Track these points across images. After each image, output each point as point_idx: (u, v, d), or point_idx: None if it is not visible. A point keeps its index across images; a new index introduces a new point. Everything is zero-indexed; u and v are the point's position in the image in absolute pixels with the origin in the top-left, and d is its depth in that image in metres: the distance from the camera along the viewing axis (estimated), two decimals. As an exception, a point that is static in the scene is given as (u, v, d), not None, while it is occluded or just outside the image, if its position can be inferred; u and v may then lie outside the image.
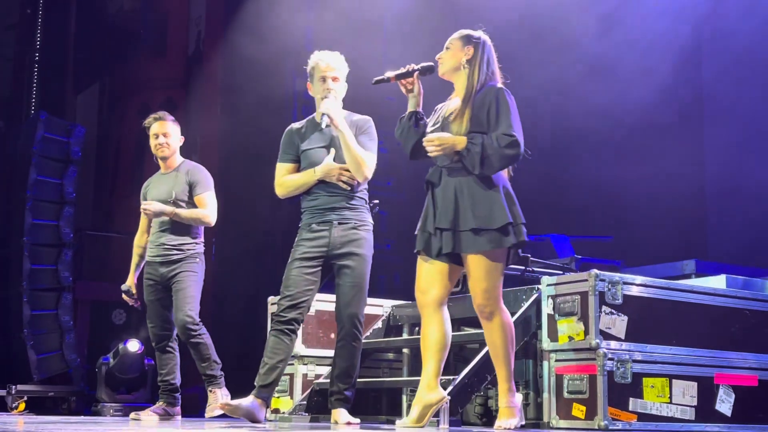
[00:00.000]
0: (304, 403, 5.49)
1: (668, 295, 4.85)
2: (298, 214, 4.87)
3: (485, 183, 4.10)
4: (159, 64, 11.38)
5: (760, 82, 8.35)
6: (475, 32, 4.28)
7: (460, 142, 4.10)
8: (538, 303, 4.86)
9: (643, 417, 4.62)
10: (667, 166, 8.63)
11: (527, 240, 4.11)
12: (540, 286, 4.88)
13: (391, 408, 5.60)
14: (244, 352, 7.78)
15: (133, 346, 7.48)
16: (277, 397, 5.89)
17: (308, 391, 5.57)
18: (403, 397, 5.36)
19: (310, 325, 5.91)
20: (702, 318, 4.95)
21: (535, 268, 5.97)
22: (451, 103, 4.29)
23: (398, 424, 4.18)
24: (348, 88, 4.87)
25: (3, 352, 8.25)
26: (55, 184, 8.25)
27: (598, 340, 4.55)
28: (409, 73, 4.29)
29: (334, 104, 4.70)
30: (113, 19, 11.62)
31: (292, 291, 4.66)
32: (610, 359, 4.54)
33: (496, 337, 4.17)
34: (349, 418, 4.67)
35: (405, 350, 5.59)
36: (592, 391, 4.53)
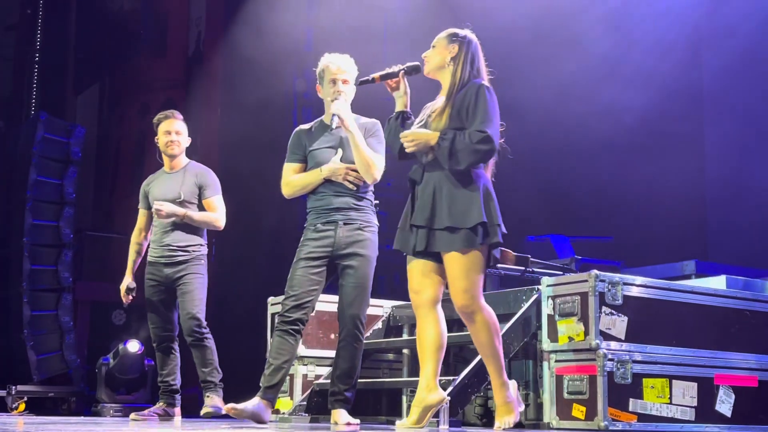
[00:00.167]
0: (304, 403, 5.49)
1: (668, 296, 4.85)
2: (297, 215, 4.87)
3: (465, 181, 4.05)
4: (159, 64, 11.39)
5: (761, 83, 8.35)
6: (461, 30, 4.25)
7: (433, 138, 4.07)
8: (538, 303, 4.85)
9: (643, 417, 4.61)
10: (668, 166, 8.63)
11: (501, 241, 4.04)
12: (540, 287, 4.87)
13: (391, 409, 5.59)
14: (244, 352, 7.77)
15: (133, 346, 7.47)
16: (278, 398, 5.88)
17: (308, 391, 5.56)
18: (403, 398, 5.35)
19: (311, 326, 5.89)
20: (702, 319, 4.94)
21: (535, 269, 5.98)
22: (438, 102, 4.27)
23: (398, 425, 4.17)
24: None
25: (3, 352, 8.25)
26: (55, 184, 8.25)
27: (598, 341, 4.55)
28: (394, 73, 4.28)
29: (345, 106, 4.70)
30: (113, 19, 11.61)
31: (297, 291, 4.66)
32: (610, 360, 4.54)
33: (482, 336, 4.11)
34: (348, 418, 4.67)
35: (405, 351, 5.58)
36: (592, 391, 4.53)
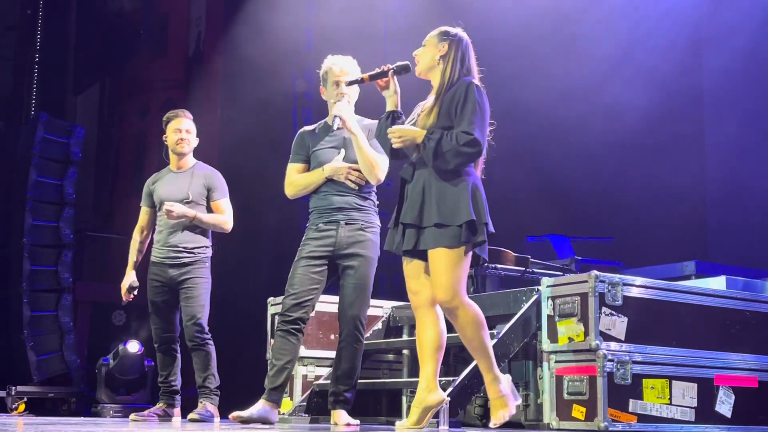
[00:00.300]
0: (304, 404, 5.48)
1: (668, 297, 4.85)
2: (298, 216, 4.87)
3: (454, 179, 4.01)
4: (159, 64, 11.39)
5: (761, 83, 8.34)
6: (452, 29, 4.23)
7: (420, 136, 4.05)
8: (538, 304, 4.85)
9: (643, 418, 4.61)
10: (668, 166, 8.63)
11: (486, 240, 4.01)
12: (540, 287, 4.87)
13: (391, 409, 5.59)
14: (244, 353, 7.78)
15: (133, 347, 7.47)
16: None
17: (308, 392, 5.56)
18: (403, 399, 5.35)
19: (310, 326, 5.88)
20: (702, 319, 4.94)
21: (535, 269, 5.98)
22: (428, 100, 4.25)
23: (398, 426, 4.17)
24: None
25: (3, 353, 8.25)
26: (55, 185, 8.26)
27: (598, 342, 4.55)
28: (384, 73, 4.26)
29: (347, 107, 4.70)
30: (113, 19, 11.61)
31: (297, 289, 4.65)
32: (609, 360, 4.54)
33: (467, 331, 4.04)
34: (348, 419, 4.67)
35: (405, 351, 5.58)
36: (592, 392, 4.52)
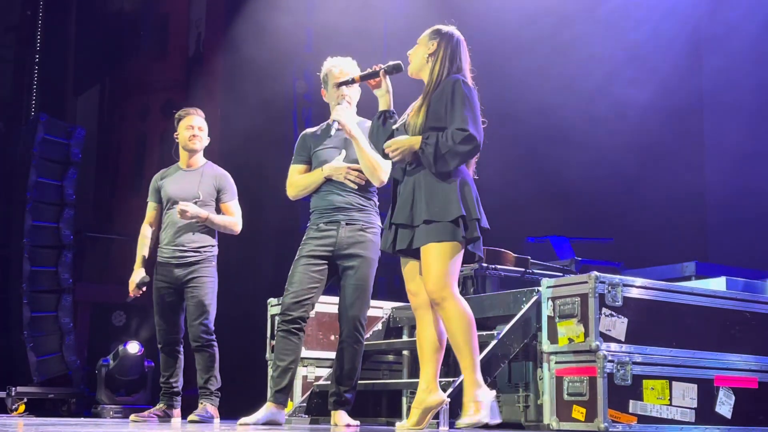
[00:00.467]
0: (304, 405, 5.48)
1: (668, 297, 4.84)
2: (299, 216, 4.87)
3: (443, 177, 3.99)
4: (159, 65, 11.39)
5: (761, 83, 8.34)
6: (445, 27, 4.20)
7: (416, 143, 4.02)
8: (538, 305, 4.85)
9: (643, 419, 4.61)
10: (668, 167, 8.63)
11: (480, 236, 4.00)
12: (540, 288, 4.87)
13: (391, 410, 5.59)
14: (244, 353, 7.77)
15: (133, 348, 7.47)
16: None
17: (308, 393, 5.56)
18: (403, 399, 5.35)
19: (311, 327, 5.88)
20: (702, 320, 4.94)
21: (535, 270, 5.97)
22: (418, 99, 4.22)
23: (398, 427, 4.17)
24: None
25: (3, 353, 8.25)
26: (56, 185, 8.25)
27: (598, 342, 4.54)
28: (375, 73, 4.25)
29: (346, 111, 4.69)
30: (113, 20, 11.62)
31: (296, 288, 4.66)
32: (610, 361, 4.54)
33: (451, 326, 4.00)
34: (348, 420, 4.67)
35: (405, 352, 5.58)
36: (592, 393, 4.52)
